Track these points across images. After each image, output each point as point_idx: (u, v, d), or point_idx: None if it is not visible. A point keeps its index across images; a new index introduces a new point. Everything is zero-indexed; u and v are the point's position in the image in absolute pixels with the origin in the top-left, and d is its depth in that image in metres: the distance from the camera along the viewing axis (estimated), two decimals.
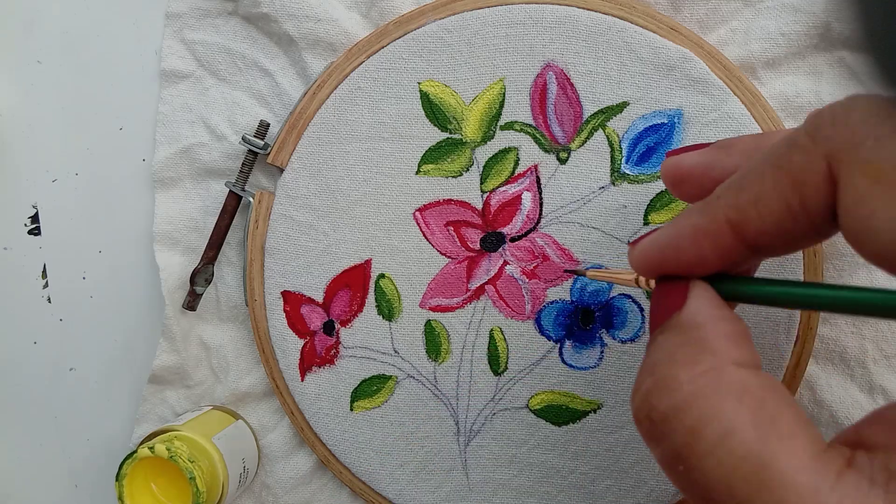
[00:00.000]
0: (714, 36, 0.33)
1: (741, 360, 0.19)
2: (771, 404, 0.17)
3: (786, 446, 0.17)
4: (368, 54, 0.34)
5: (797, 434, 0.17)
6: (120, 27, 0.38)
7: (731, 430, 0.17)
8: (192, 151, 0.37)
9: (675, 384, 0.18)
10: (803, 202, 0.18)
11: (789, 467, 0.16)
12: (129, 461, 0.32)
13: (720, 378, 0.18)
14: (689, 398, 0.18)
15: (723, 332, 0.19)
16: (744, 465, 0.17)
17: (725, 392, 0.18)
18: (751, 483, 0.16)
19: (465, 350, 0.34)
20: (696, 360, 0.19)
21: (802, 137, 0.18)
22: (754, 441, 0.17)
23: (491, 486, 0.35)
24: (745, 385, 0.18)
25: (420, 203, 0.34)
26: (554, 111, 0.33)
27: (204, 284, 0.37)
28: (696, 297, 0.20)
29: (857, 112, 0.17)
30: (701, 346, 0.19)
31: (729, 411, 0.17)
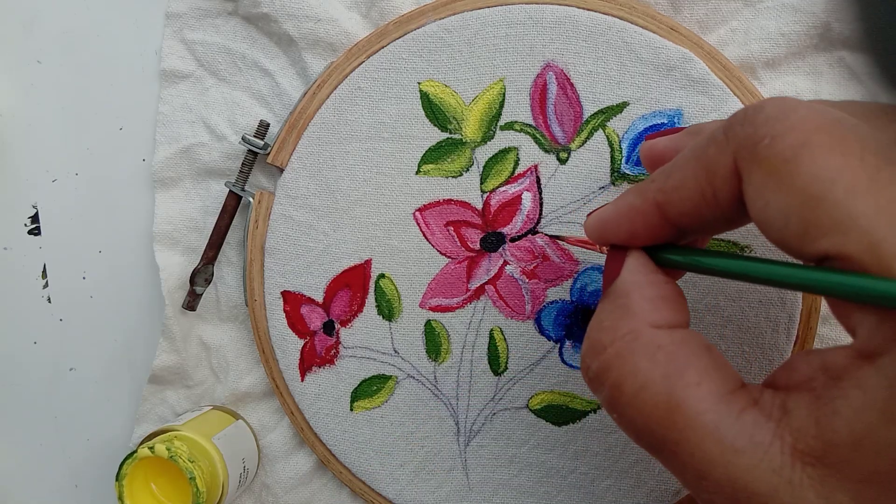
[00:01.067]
0: (714, 36, 0.33)
1: (658, 322, 0.21)
2: (680, 358, 0.20)
3: (692, 393, 0.19)
4: (368, 54, 0.34)
5: (704, 381, 0.20)
6: (120, 27, 0.38)
7: (644, 383, 0.20)
8: (192, 151, 0.37)
9: (601, 347, 0.22)
10: (714, 192, 0.20)
11: (694, 410, 0.19)
12: (129, 461, 0.32)
13: (636, 340, 0.21)
14: (611, 359, 0.21)
15: (646, 296, 0.22)
16: (656, 411, 0.20)
17: (640, 352, 0.21)
18: (664, 425, 0.19)
19: (465, 350, 0.34)
20: (618, 324, 0.22)
21: (719, 133, 0.20)
22: (663, 391, 0.20)
23: (491, 486, 0.35)
24: (657, 344, 0.21)
25: (420, 203, 0.34)
26: (554, 111, 0.33)
27: (204, 284, 0.37)
28: (628, 266, 0.23)
29: (764, 112, 0.19)
30: (624, 311, 0.22)
31: (643, 368, 0.20)
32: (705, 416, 0.19)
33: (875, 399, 0.17)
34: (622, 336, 0.21)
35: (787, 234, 0.18)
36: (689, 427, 0.19)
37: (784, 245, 0.19)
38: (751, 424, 0.18)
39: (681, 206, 0.21)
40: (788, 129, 0.18)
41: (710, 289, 0.33)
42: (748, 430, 0.18)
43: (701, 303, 0.33)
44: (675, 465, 0.20)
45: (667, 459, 0.20)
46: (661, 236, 0.23)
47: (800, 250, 0.18)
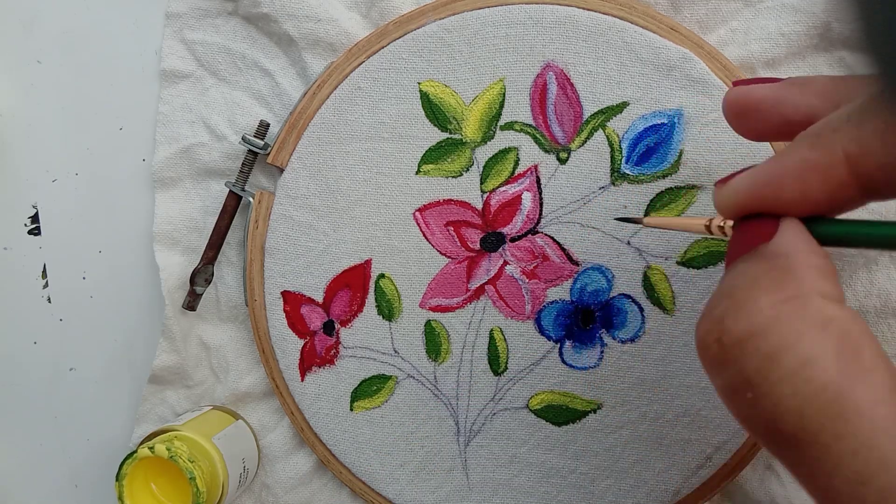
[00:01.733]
0: (714, 36, 0.33)
1: (828, 292, 0.18)
2: (855, 336, 0.17)
3: (866, 379, 0.16)
4: (368, 54, 0.34)
5: (878, 368, 0.17)
6: (120, 27, 0.38)
7: (812, 358, 0.17)
8: (192, 151, 0.37)
9: (756, 308, 0.18)
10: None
11: (868, 399, 0.16)
12: (129, 461, 0.32)
13: (805, 306, 0.17)
14: (770, 323, 0.17)
15: (813, 263, 0.18)
16: (822, 394, 0.16)
17: (810, 321, 0.17)
18: (826, 413, 0.16)
19: (465, 350, 0.34)
20: (780, 286, 0.18)
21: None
22: (835, 371, 0.16)
23: (491, 486, 0.35)
24: (830, 316, 0.17)
25: (420, 203, 0.34)
26: (554, 111, 0.33)
27: (204, 284, 0.37)
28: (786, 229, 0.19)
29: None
30: (788, 273, 0.18)
31: (812, 340, 0.17)
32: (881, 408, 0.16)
33: None
34: (787, 299, 0.17)
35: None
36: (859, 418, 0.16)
37: None
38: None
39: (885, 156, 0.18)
40: None
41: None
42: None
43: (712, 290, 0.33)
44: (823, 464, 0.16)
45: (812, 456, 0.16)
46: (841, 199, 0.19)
47: None
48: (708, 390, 0.33)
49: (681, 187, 0.32)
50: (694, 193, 0.32)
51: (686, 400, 0.33)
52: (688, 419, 0.33)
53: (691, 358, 0.33)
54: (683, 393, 0.33)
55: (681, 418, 0.33)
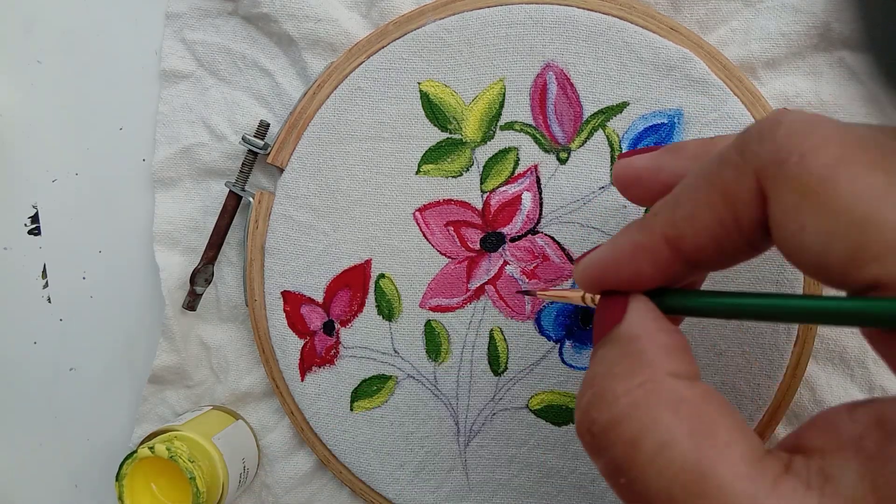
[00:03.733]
0: (714, 36, 0.33)
1: (677, 372, 0.19)
2: (708, 414, 0.18)
3: (723, 455, 0.17)
4: (368, 54, 0.34)
5: (735, 442, 0.17)
6: (120, 27, 0.38)
7: (668, 441, 0.17)
8: (192, 151, 0.37)
9: (613, 397, 0.19)
10: (736, 218, 0.18)
11: (727, 475, 0.16)
12: (129, 461, 0.32)
13: (656, 390, 0.18)
14: (627, 410, 0.18)
15: (660, 343, 0.20)
16: (682, 474, 0.17)
17: (662, 403, 0.18)
18: (690, 492, 0.17)
19: (465, 350, 0.34)
20: (632, 372, 0.19)
21: (732, 154, 0.19)
22: (692, 451, 0.17)
23: (491, 486, 0.35)
24: (681, 396, 0.18)
25: (420, 203, 0.34)
26: (554, 111, 0.33)
27: (204, 284, 0.37)
28: (634, 310, 0.21)
29: (783, 128, 0.18)
30: (638, 358, 0.19)
31: (666, 422, 0.18)
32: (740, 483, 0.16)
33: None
34: (639, 384, 0.18)
35: (828, 260, 0.16)
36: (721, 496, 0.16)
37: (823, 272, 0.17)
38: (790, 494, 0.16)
39: (697, 238, 0.19)
40: (819, 145, 0.17)
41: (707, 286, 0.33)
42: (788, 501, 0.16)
43: None
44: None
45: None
46: (671, 275, 0.21)
47: (843, 278, 0.16)
48: None
49: None
50: None
51: None
52: None
53: None
54: None
55: None
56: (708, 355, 0.33)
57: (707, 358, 0.33)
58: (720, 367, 0.33)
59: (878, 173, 0.16)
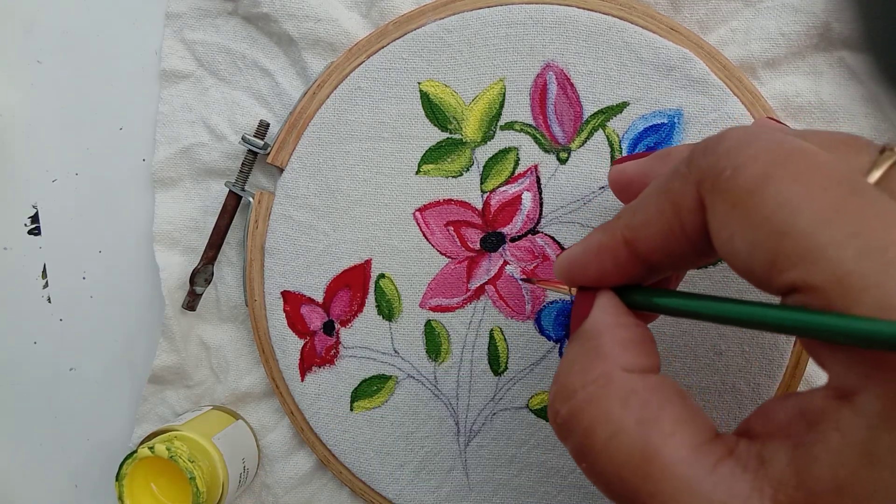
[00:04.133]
0: (714, 36, 0.33)
1: (630, 366, 0.21)
2: (654, 404, 0.19)
3: (667, 441, 0.19)
4: (368, 54, 0.34)
5: (679, 430, 0.19)
6: (120, 27, 0.38)
7: (617, 430, 0.19)
8: (192, 151, 0.37)
9: (572, 390, 0.21)
10: (682, 225, 0.20)
11: (669, 459, 0.18)
12: (129, 461, 0.32)
13: (608, 384, 0.20)
14: (582, 403, 0.20)
15: (617, 339, 0.21)
16: (630, 460, 0.19)
17: (612, 397, 0.20)
18: (637, 475, 0.19)
19: (465, 350, 0.34)
20: (589, 367, 0.21)
21: (682, 165, 0.20)
22: (638, 438, 0.19)
23: (491, 485, 0.35)
24: (630, 388, 0.20)
25: (420, 203, 0.34)
26: (554, 111, 0.33)
27: (204, 284, 0.37)
28: (598, 307, 0.22)
29: (725, 143, 0.19)
30: (595, 353, 0.21)
31: (615, 414, 0.19)
32: (681, 466, 0.18)
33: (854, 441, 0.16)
34: (594, 379, 0.20)
35: (753, 265, 0.18)
36: (664, 478, 0.18)
37: (751, 277, 0.18)
38: (728, 476, 0.18)
39: (649, 241, 0.21)
40: (750, 159, 0.18)
41: (710, 289, 0.33)
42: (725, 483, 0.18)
43: None
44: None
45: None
46: (632, 274, 0.22)
47: (767, 282, 0.18)
48: (708, 391, 0.33)
49: None
50: None
51: None
52: None
53: (691, 358, 0.33)
54: None
55: None
56: (708, 355, 0.33)
57: (707, 358, 0.33)
58: (720, 367, 0.33)
59: (798, 185, 0.17)
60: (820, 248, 0.16)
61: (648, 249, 0.21)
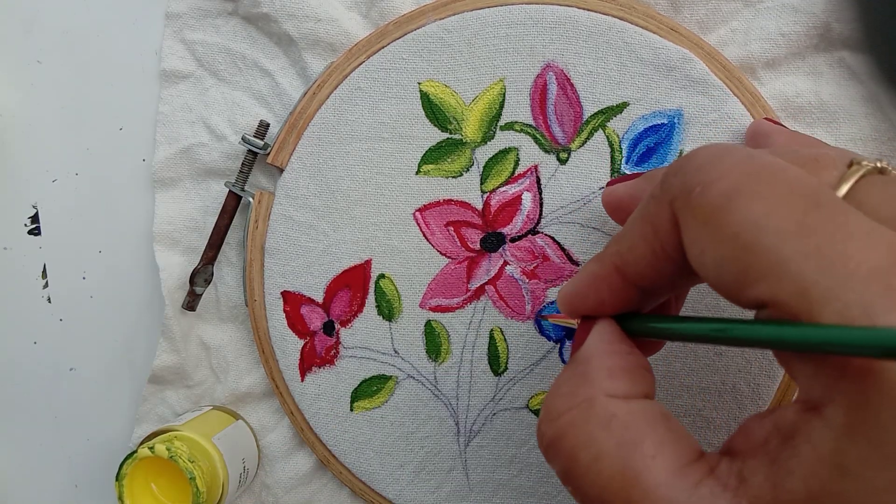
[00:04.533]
0: (714, 36, 0.33)
1: (614, 391, 0.21)
2: (635, 428, 0.20)
3: (647, 464, 0.19)
4: (368, 54, 0.34)
5: (659, 453, 0.19)
6: (120, 27, 0.38)
7: (599, 454, 0.19)
8: (192, 151, 0.37)
9: (556, 414, 0.21)
10: (662, 246, 0.20)
11: (650, 482, 0.18)
12: (129, 461, 0.32)
13: (591, 408, 0.20)
14: (566, 427, 0.21)
15: (606, 365, 0.22)
16: (612, 483, 0.19)
17: (594, 421, 0.20)
18: (619, 498, 0.19)
19: (465, 350, 0.34)
20: (574, 392, 0.21)
21: (656, 188, 0.21)
22: (619, 462, 0.19)
23: (491, 486, 0.35)
24: (612, 414, 0.20)
25: (420, 203, 0.34)
26: (554, 111, 0.33)
27: (204, 284, 0.37)
28: (593, 334, 0.23)
29: (696, 161, 0.20)
30: (582, 378, 0.21)
31: (597, 438, 0.20)
32: (661, 489, 0.18)
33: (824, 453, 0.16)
34: (578, 404, 0.21)
35: (723, 281, 0.18)
36: (645, 501, 0.18)
37: (722, 291, 0.19)
38: (707, 496, 0.18)
39: (637, 266, 0.22)
40: (718, 176, 0.19)
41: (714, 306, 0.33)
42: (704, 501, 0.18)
43: (701, 302, 0.33)
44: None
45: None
46: (628, 300, 0.23)
47: (736, 297, 0.18)
48: (708, 391, 0.33)
49: None
50: None
51: (686, 400, 0.33)
52: (688, 420, 0.33)
53: (691, 358, 0.33)
54: (684, 393, 0.33)
55: (681, 419, 0.33)
56: (708, 355, 0.33)
57: (707, 358, 0.33)
58: (720, 367, 0.33)
59: (764, 201, 0.18)
60: (783, 262, 0.17)
61: (638, 274, 0.22)
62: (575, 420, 0.21)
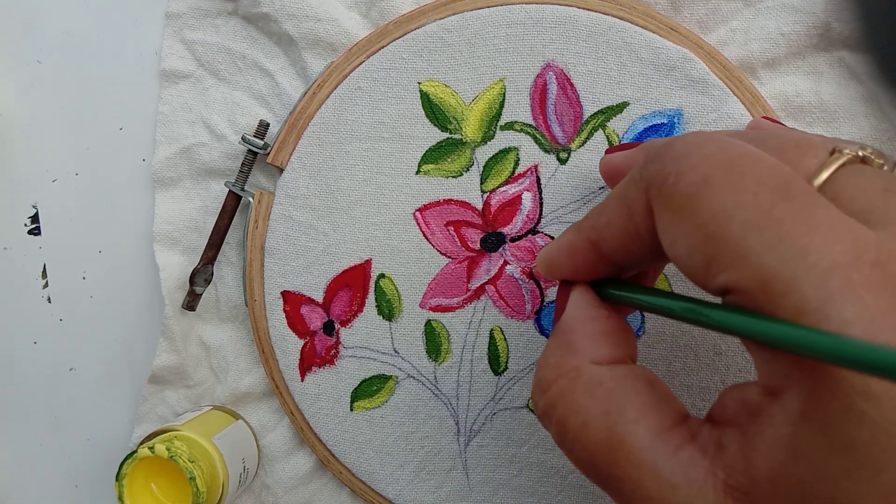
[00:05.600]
0: (714, 36, 0.33)
1: (599, 357, 0.22)
2: (620, 394, 0.21)
3: (630, 429, 0.20)
4: (368, 54, 0.34)
5: (642, 417, 0.20)
6: (120, 27, 0.38)
7: (586, 421, 0.20)
8: (192, 151, 0.37)
9: (547, 384, 0.22)
10: (636, 229, 0.21)
11: (633, 445, 0.19)
12: (129, 461, 0.32)
13: (578, 377, 0.21)
14: (556, 397, 0.22)
15: (588, 332, 0.22)
16: (599, 448, 0.20)
17: (581, 389, 0.21)
18: (606, 461, 0.20)
19: (465, 350, 0.34)
20: (561, 361, 0.22)
21: (636, 171, 0.21)
22: (604, 428, 0.20)
23: (491, 485, 0.35)
24: (598, 380, 0.21)
25: (420, 203, 0.34)
26: (554, 111, 0.33)
27: (203, 284, 0.37)
28: (572, 303, 0.24)
29: (673, 149, 0.20)
30: (567, 348, 0.22)
31: (584, 406, 0.21)
32: (643, 452, 0.19)
33: (782, 436, 0.17)
34: (565, 373, 0.22)
35: (691, 268, 0.19)
36: (629, 464, 0.19)
37: (692, 278, 0.19)
38: (686, 461, 0.19)
39: (611, 242, 0.22)
40: (691, 166, 0.19)
41: None
42: (684, 467, 0.19)
43: None
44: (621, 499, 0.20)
45: (614, 494, 0.20)
46: (601, 271, 0.23)
47: (704, 284, 0.19)
48: (708, 391, 0.33)
49: None
50: None
51: (687, 399, 0.33)
52: None
53: (691, 358, 0.33)
54: (684, 393, 0.33)
55: None
56: (708, 355, 0.33)
57: (707, 358, 0.33)
58: (720, 367, 0.33)
59: (733, 192, 0.18)
60: (745, 253, 0.17)
61: (611, 250, 0.22)
62: (563, 390, 0.21)
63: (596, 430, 0.20)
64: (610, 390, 0.21)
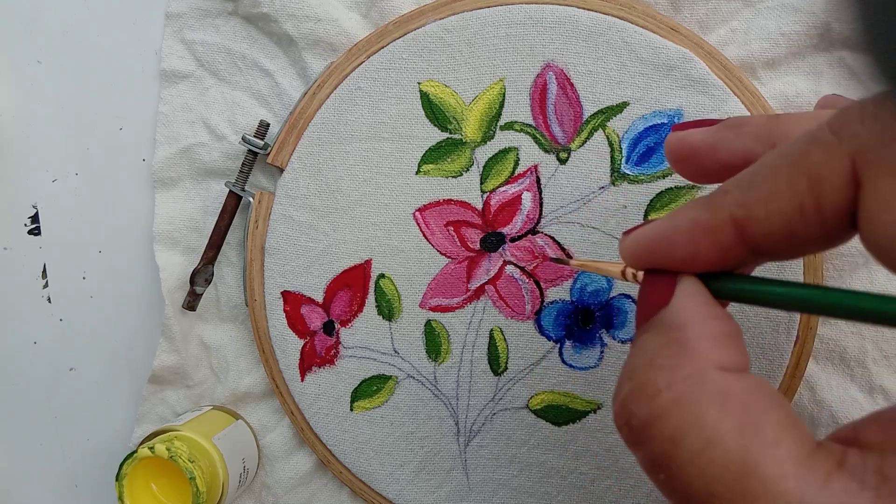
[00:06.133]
0: (714, 36, 0.33)
1: (725, 364, 0.18)
2: (755, 409, 0.17)
3: (770, 453, 0.16)
4: (368, 54, 0.34)
5: (783, 439, 0.16)
6: (120, 27, 0.38)
7: (713, 439, 0.16)
8: (192, 151, 0.37)
9: (654, 390, 0.18)
10: (818, 204, 0.17)
11: (774, 474, 0.16)
12: (129, 461, 0.32)
13: (701, 384, 0.17)
14: (669, 406, 0.17)
15: (707, 332, 0.18)
16: (726, 474, 0.16)
17: (707, 399, 0.17)
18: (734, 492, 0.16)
19: (465, 350, 0.34)
20: (676, 364, 0.18)
21: (826, 133, 0.17)
22: (738, 450, 0.16)
23: (491, 486, 0.35)
24: (727, 390, 0.17)
25: (420, 203, 0.34)
26: (554, 111, 0.33)
27: (204, 284, 0.37)
28: (681, 294, 0.19)
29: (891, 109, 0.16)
30: (682, 348, 0.18)
31: (711, 419, 0.17)
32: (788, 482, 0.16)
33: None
34: (683, 378, 0.17)
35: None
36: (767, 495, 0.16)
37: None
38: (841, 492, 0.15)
39: (769, 222, 0.18)
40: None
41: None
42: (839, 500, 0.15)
43: None
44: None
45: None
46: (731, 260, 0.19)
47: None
48: None
49: (681, 187, 0.32)
50: (694, 194, 0.32)
51: None
52: None
53: None
54: None
55: None
56: None
57: None
58: None
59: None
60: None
61: (763, 232, 0.18)
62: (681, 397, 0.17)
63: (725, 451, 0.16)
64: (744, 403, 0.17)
